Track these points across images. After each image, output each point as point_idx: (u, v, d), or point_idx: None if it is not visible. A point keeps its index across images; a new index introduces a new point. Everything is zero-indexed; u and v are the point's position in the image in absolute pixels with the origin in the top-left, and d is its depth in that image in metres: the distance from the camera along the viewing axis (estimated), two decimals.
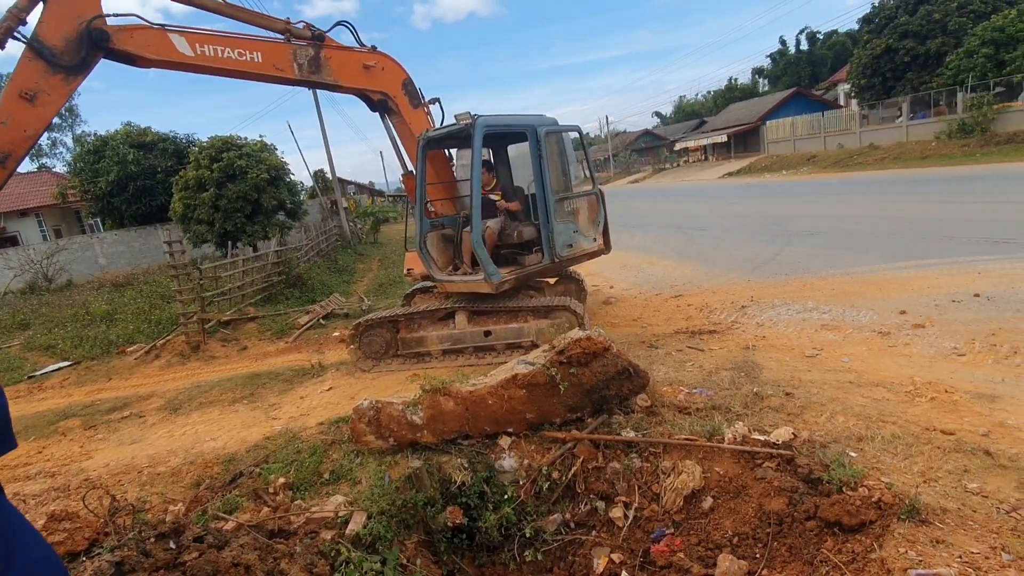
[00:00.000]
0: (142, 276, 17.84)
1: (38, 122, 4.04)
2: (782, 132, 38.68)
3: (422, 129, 6.22)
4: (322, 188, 31.87)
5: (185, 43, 4.49)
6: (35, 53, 3.96)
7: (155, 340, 9.22)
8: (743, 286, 8.47)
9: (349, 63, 5.46)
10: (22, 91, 3.92)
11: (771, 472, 3.49)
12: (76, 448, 5.54)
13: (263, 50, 4.85)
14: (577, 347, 4.30)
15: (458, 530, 3.99)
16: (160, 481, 4.44)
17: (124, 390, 7.35)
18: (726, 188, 29.42)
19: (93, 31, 4.14)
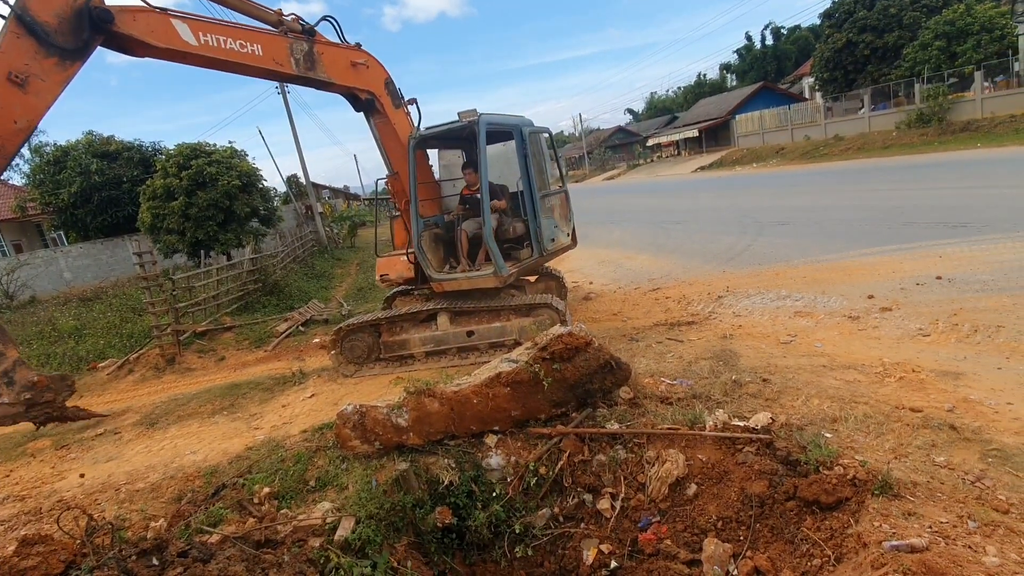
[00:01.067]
0: (111, 289, 17.34)
1: (30, 112, 3.38)
2: (751, 126, 39.48)
3: (405, 129, 6.20)
4: (296, 193, 31.39)
5: (188, 30, 4.17)
6: (23, 28, 3.31)
7: (128, 354, 8.98)
8: (719, 277, 8.64)
9: (339, 60, 5.34)
10: (11, 73, 3.26)
11: (751, 456, 3.59)
12: (47, 469, 5.37)
13: (263, 42, 4.62)
14: (559, 343, 4.34)
15: (448, 530, 4.00)
16: (140, 498, 4.34)
17: (98, 406, 7.13)
18: (699, 182, 29.92)
19: (95, 10, 3.63)
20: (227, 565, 3.01)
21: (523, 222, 6.67)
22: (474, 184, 6.94)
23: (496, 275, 6.13)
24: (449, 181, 7.85)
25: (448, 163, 7.78)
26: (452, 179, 7.65)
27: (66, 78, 3.53)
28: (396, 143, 6.14)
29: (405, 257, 6.90)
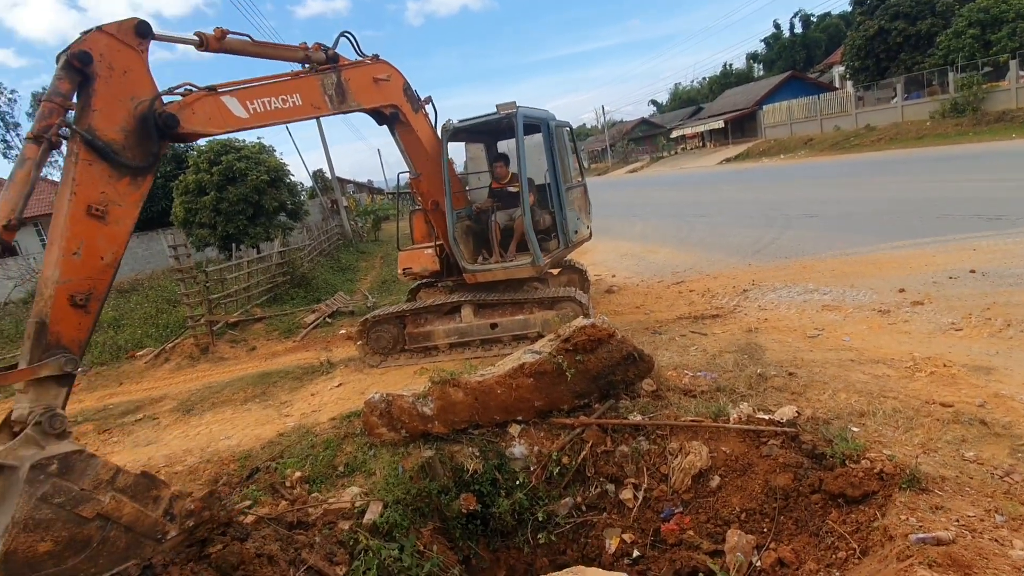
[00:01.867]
0: (146, 281, 17.92)
1: (114, 243, 3.05)
2: (779, 116, 38.58)
3: (426, 131, 6.22)
4: (322, 188, 31.89)
5: (238, 104, 4.00)
6: (94, 153, 2.96)
7: (164, 344, 9.32)
8: (744, 270, 8.54)
9: (363, 81, 5.29)
10: (90, 207, 2.92)
11: (776, 449, 3.58)
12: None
13: (300, 90, 4.53)
14: (582, 335, 4.38)
15: (472, 516, 4.09)
16: (178, 480, 4.53)
17: (136, 394, 7.45)
18: (724, 174, 29.42)
19: (160, 117, 3.29)
20: (263, 543, 3.15)
21: (550, 214, 6.73)
22: (504, 177, 6.99)
23: (533, 264, 6.24)
24: (475, 174, 7.94)
25: (474, 156, 7.86)
26: (478, 172, 7.73)
27: (141, 196, 3.23)
28: (418, 146, 6.19)
29: (428, 250, 7.01)
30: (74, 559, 2.52)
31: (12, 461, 2.44)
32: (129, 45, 3.18)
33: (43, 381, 2.69)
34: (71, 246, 2.85)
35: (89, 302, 2.90)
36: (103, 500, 2.61)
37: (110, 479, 2.66)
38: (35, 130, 2.79)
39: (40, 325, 2.73)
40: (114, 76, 3.09)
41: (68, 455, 2.55)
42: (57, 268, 2.80)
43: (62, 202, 2.88)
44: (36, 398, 2.67)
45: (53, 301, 2.77)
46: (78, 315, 2.86)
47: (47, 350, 2.72)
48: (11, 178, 2.71)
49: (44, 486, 2.46)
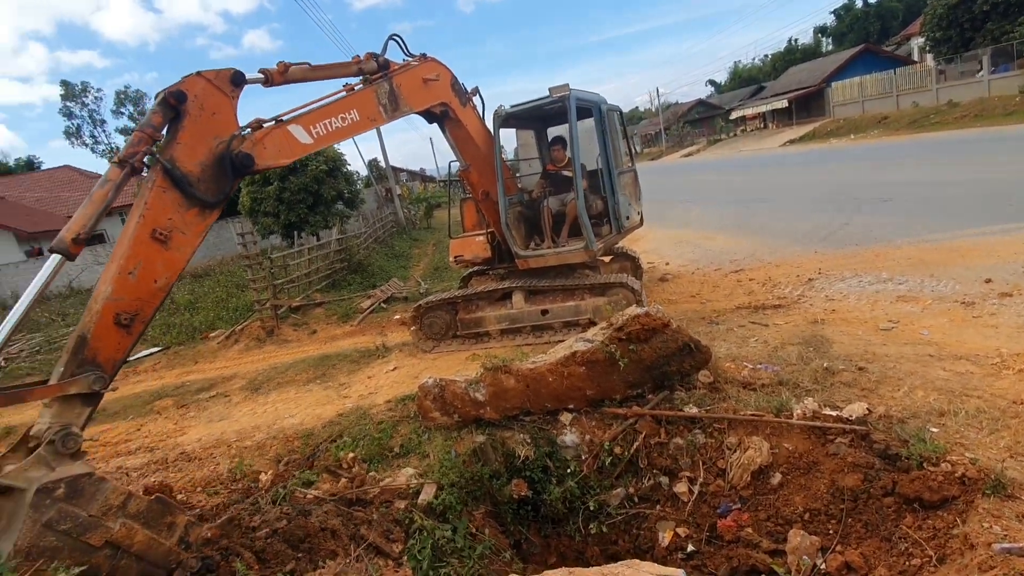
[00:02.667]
0: (217, 267, 19.06)
1: (170, 269, 3.10)
2: (849, 93, 36.10)
3: (474, 123, 6.23)
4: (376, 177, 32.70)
5: (303, 131, 4.07)
6: (170, 181, 3.07)
7: (234, 326, 9.91)
8: (810, 258, 8.11)
9: (414, 84, 5.31)
10: (155, 230, 2.99)
11: (844, 448, 3.40)
12: (171, 425, 6.08)
13: (356, 105, 4.61)
14: (636, 323, 4.30)
15: (523, 502, 4.13)
16: (247, 454, 4.82)
17: (209, 372, 7.97)
18: (788, 156, 27.92)
19: (238, 156, 3.38)
20: (325, 519, 3.30)
21: (602, 199, 6.62)
22: (561, 161, 6.92)
23: (586, 249, 6.18)
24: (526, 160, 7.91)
25: (525, 143, 7.82)
26: (528, 158, 7.69)
27: (204, 228, 3.28)
28: (467, 139, 6.20)
29: (480, 238, 7.05)
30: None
31: (21, 483, 2.36)
32: (223, 91, 3.35)
33: (69, 398, 2.65)
34: (129, 265, 2.91)
35: (133, 323, 2.92)
36: (112, 527, 2.49)
37: (121, 504, 2.56)
38: (122, 155, 2.93)
39: (81, 339, 2.73)
40: (203, 116, 3.25)
41: (76, 478, 2.45)
42: (110, 285, 2.84)
43: (130, 223, 2.98)
44: (58, 414, 2.62)
45: (99, 317, 2.78)
46: (120, 335, 2.87)
47: (81, 365, 2.69)
48: (90, 196, 2.81)
49: (49, 511, 2.35)
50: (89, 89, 48.79)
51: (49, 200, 30.69)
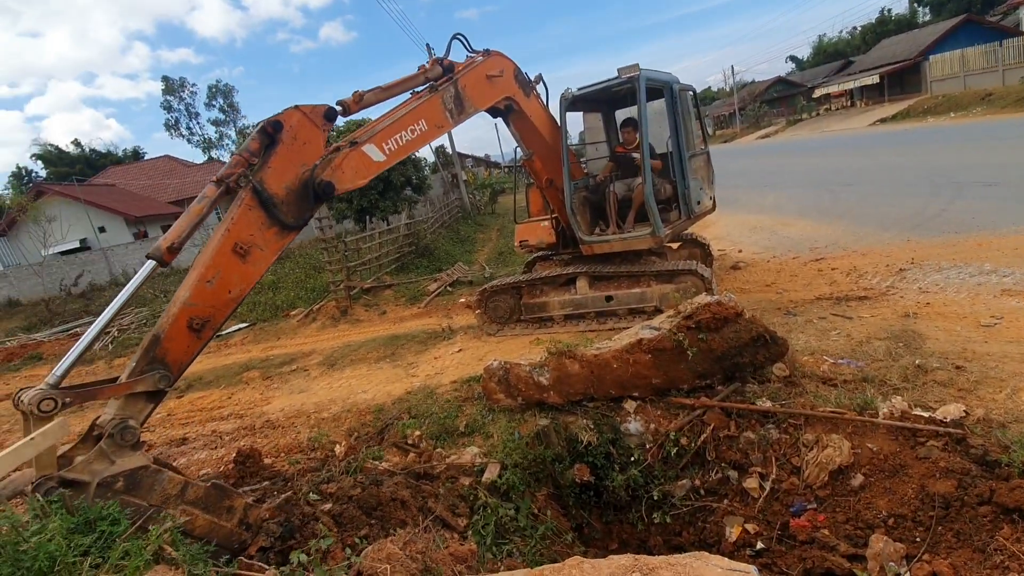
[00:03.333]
0: (297, 250, 20.19)
1: (244, 282, 3.28)
2: (949, 68, 32.59)
3: (538, 113, 6.17)
4: (443, 163, 33.30)
5: (376, 150, 4.17)
6: (257, 200, 3.27)
7: (312, 305, 10.51)
8: (901, 247, 7.48)
9: (478, 83, 5.29)
10: (237, 244, 3.18)
11: (936, 452, 3.16)
12: (257, 395, 6.57)
13: (424, 116, 4.65)
14: (706, 312, 4.16)
15: (585, 487, 4.15)
16: (325, 424, 5.14)
17: (290, 348, 8.52)
18: (878, 136, 25.71)
19: (320, 185, 3.56)
20: (396, 489, 3.47)
21: (671, 183, 6.41)
22: (632, 143, 6.76)
23: (653, 236, 6.01)
24: (589, 145, 7.78)
25: (591, 126, 7.69)
26: (595, 142, 7.56)
27: (281, 247, 3.47)
28: (531, 129, 6.14)
29: (545, 223, 7.04)
30: None
31: (85, 477, 2.48)
32: (316, 124, 3.56)
33: (136, 394, 2.79)
34: (208, 274, 3.07)
35: (204, 329, 3.06)
36: (173, 515, 2.58)
37: (179, 493, 2.68)
38: (220, 175, 3.17)
39: (155, 338, 2.88)
40: (295, 144, 3.45)
41: (134, 471, 2.57)
42: (189, 291, 3.00)
43: (215, 235, 3.20)
44: (122, 407, 2.76)
45: (174, 320, 2.94)
46: (190, 338, 3.02)
47: (151, 363, 2.83)
48: (188, 210, 3.06)
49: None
50: (186, 84, 52.81)
51: (152, 187, 33.64)
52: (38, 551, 1.79)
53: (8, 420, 7.34)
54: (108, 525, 2.04)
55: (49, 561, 1.80)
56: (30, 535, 1.85)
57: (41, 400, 2.44)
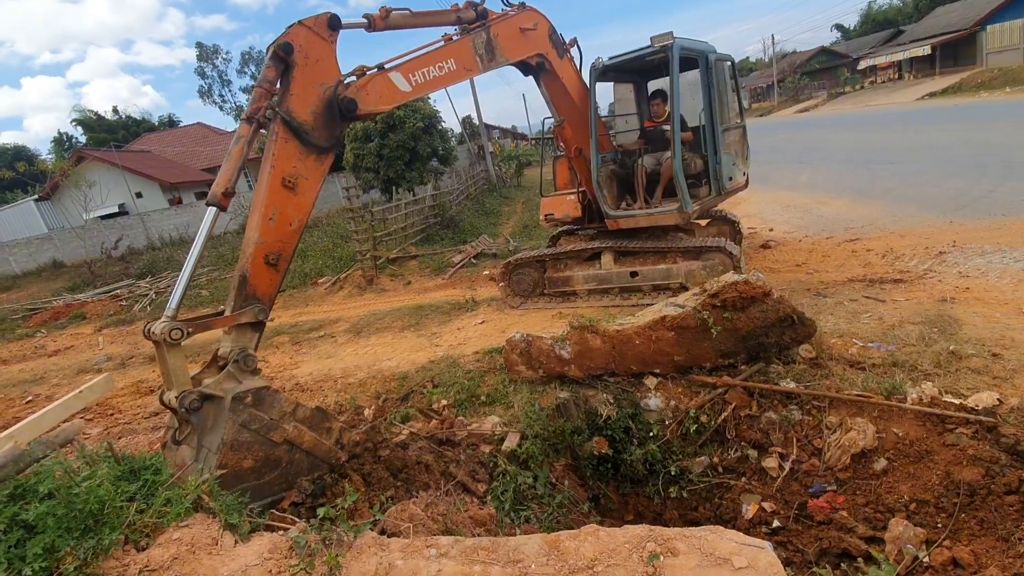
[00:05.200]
0: (324, 219, 20.48)
1: (300, 212, 3.50)
2: (1008, 38, 30.61)
3: (571, 76, 6.04)
4: (469, 134, 33.02)
5: (402, 78, 4.21)
6: (289, 131, 3.40)
7: (338, 274, 10.71)
8: (942, 229, 7.20)
9: (511, 34, 5.22)
10: (284, 178, 3.36)
11: (965, 439, 3.10)
12: (287, 359, 6.78)
13: (454, 55, 4.65)
14: (733, 291, 4.11)
15: (603, 460, 4.21)
16: (351, 390, 5.29)
17: (318, 314, 8.73)
18: (925, 112, 24.44)
19: (343, 102, 3.63)
20: (420, 454, 3.59)
21: (702, 158, 6.25)
22: (661, 116, 6.59)
23: (680, 211, 5.90)
24: (619, 117, 7.61)
25: (622, 97, 7.51)
26: (625, 114, 7.38)
27: (323, 173, 3.63)
28: (563, 93, 6.03)
29: (571, 197, 6.97)
30: (269, 475, 3.01)
31: (220, 392, 2.93)
32: (322, 36, 3.58)
33: (242, 326, 3.21)
34: (268, 212, 3.32)
35: (279, 262, 3.38)
36: (287, 428, 3.06)
37: (292, 411, 3.13)
38: (248, 112, 3.29)
39: (242, 278, 3.25)
40: (309, 64, 3.51)
41: (259, 390, 3.01)
42: (257, 230, 3.29)
43: (263, 175, 3.39)
44: (236, 339, 3.18)
45: (252, 259, 3.27)
46: (270, 272, 3.35)
47: (246, 300, 3.22)
48: (229, 153, 3.22)
49: (243, 414, 2.93)
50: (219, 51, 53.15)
51: (185, 154, 34.29)
52: (89, 495, 1.92)
53: (57, 374, 7.77)
54: (151, 474, 2.18)
55: (99, 504, 1.93)
56: (81, 480, 1.99)
57: (172, 330, 2.84)
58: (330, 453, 3.26)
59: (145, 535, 2.00)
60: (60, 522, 1.86)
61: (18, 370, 8.50)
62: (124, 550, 1.93)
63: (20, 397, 6.95)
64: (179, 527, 2.04)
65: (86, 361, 8.33)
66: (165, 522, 2.04)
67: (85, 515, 1.91)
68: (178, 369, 2.90)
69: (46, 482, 1.97)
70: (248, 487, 2.85)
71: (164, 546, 1.96)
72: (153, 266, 16.17)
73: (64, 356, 9.06)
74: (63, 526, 1.86)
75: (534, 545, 2.03)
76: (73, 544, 1.82)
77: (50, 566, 1.78)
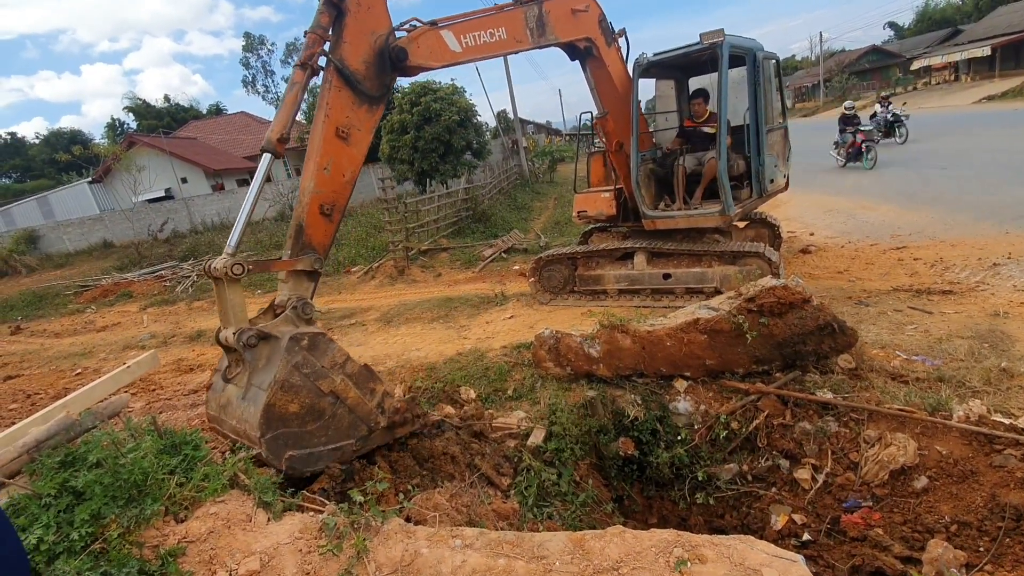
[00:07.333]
0: (359, 209, 20.83)
1: (352, 164, 3.51)
2: None
3: (617, 67, 5.96)
4: (504, 128, 33.00)
5: (453, 38, 4.22)
6: (343, 81, 3.40)
7: (371, 263, 10.88)
8: (997, 239, 6.84)
9: (562, 13, 5.21)
10: (338, 128, 3.37)
11: (1014, 461, 2.95)
12: None
13: (505, 23, 4.66)
14: (771, 296, 4.00)
15: (629, 461, 4.17)
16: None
17: (350, 302, 8.90)
18: (984, 116, 23.23)
19: (393, 51, 3.63)
20: (447, 444, 3.63)
21: (744, 159, 6.09)
22: (701, 116, 6.45)
23: (722, 214, 5.77)
24: (660, 115, 7.48)
25: (663, 94, 7.37)
26: (666, 112, 7.25)
27: (374, 123, 3.63)
28: (609, 83, 5.95)
29: (606, 194, 6.89)
30: (311, 424, 2.97)
31: (276, 332, 2.99)
32: None
33: (298, 274, 3.28)
34: (323, 162, 3.35)
35: (333, 212, 3.44)
36: (336, 380, 3.04)
37: (342, 363, 3.11)
38: (301, 58, 3.32)
39: (299, 227, 3.30)
40: (361, 11, 3.53)
41: (315, 335, 3.03)
42: (312, 180, 3.33)
43: (317, 124, 3.41)
44: (293, 287, 3.26)
45: (308, 208, 3.32)
46: (324, 222, 3.40)
47: (303, 249, 3.28)
48: (283, 100, 3.27)
49: (297, 356, 2.91)
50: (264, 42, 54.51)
51: (229, 142, 35.33)
52: (134, 466, 2.01)
53: (104, 349, 8.14)
54: (191, 449, 2.26)
55: (142, 476, 2.01)
56: (127, 451, 2.07)
57: (233, 265, 2.89)
58: (370, 415, 3.23)
59: (184, 508, 2.08)
60: (107, 490, 1.95)
61: (69, 343, 8.95)
62: (164, 521, 2.01)
63: (70, 369, 7.31)
64: (216, 502, 2.12)
65: (131, 338, 8.71)
66: (203, 496, 2.12)
67: (129, 485, 1.99)
68: (237, 305, 2.93)
69: (95, 451, 2.06)
70: (289, 433, 2.84)
71: (201, 519, 2.04)
72: (195, 249, 16.75)
73: (111, 332, 9.49)
74: (109, 494, 1.95)
75: (559, 543, 2.03)
76: (118, 512, 1.91)
77: (95, 532, 1.87)
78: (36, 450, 2.52)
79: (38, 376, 7.24)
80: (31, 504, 1.93)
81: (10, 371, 7.65)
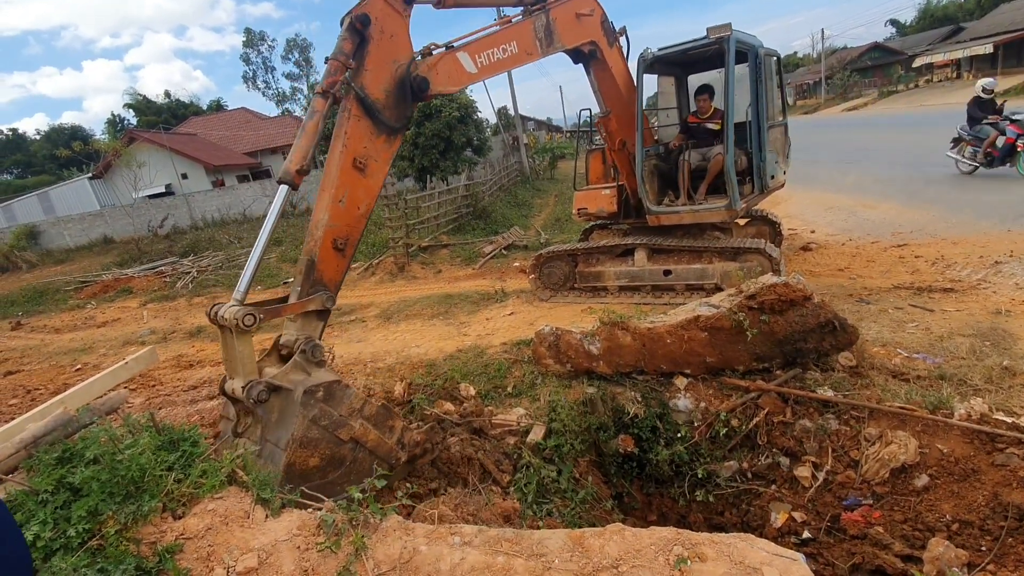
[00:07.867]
0: None
1: (368, 196, 3.36)
2: None
3: (619, 66, 5.94)
4: (504, 125, 32.92)
5: (468, 59, 4.15)
6: (363, 110, 3.26)
7: (371, 260, 10.87)
8: (999, 237, 6.82)
9: (568, 19, 5.16)
10: (355, 159, 3.22)
11: (1016, 460, 2.95)
12: None
13: (515, 37, 4.61)
14: (771, 293, 3.98)
15: (628, 458, 4.16)
16: (380, 374, 5.36)
17: (351, 299, 8.88)
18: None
19: (415, 80, 3.51)
20: (463, 448, 3.64)
21: (747, 155, 6.07)
22: (705, 112, 6.42)
23: (728, 209, 5.75)
24: (661, 111, 7.44)
25: (665, 91, 7.34)
26: (667, 108, 7.22)
27: (391, 155, 3.49)
28: (611, 82, 5.93)
29: (607, 191, 6.86)
30: (333, 474, 2.86)
31: (287, 384, 2.79)
32: (397, 10, 3.47)
33: (308, 313, 3.07)
34: (338, 194, 3.19)
35: (346, 247, 3.26)
36: (355, 426, 2.92)
37: (360, 408, 2.98)
38: (323, 86, 3.13)
39: (310, 263, 3.11)
40: (384, 39, 3.39)
41: (331, 384, 2.86)
42: (326, 212, 3.14)
43: (333, 153, 3.23)
44: (301, 327, 3.05)
45: (321, 242, 3.12)
46: (337, 258, 3.22)
47: (313, 286, 3.09)
48: (303, 129, 3.06)
49: (314, 409, 2.77)
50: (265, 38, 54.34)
51: (229, 138, 35.23)
52: (131, 463, 2.00)
53: (104, 345, 8.14)
54: (189, 446, 2.25)
55: (140, 472, 2.00)
56: (125, 447, 2.06)
57: (244, 315, 2.67)
58: (391, 453, 3.14)
59: (182, 504, 2.07)
60: (104, 487, 1.94)
61: (69, 339, 8.95)
62: (162, 517, 2.01)
63: (70, 364, 7.31)
64: (214, 499, 2.11)
65: (131, 333, 8.70)
66: (201, 493, 2.11)
67: (127, 481, 1.98)
68: (246, 357, 2.74)
69: (92, 447, 2.05)
70: (312, 487, 2.68)
71: (199, 516, 2.03)
72: (196, 245, 16.73)
73: (111, 328, 9.48)
74: (106, 491, 1.94)
75: (558, 540, 2.02)
76: (115, 509, 1.90)
77: (92, 528, 1.86)
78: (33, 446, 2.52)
79: (38, 372, 7.24)
80: (28, 500, 1.92)
81: (10, 367, 7.65)
